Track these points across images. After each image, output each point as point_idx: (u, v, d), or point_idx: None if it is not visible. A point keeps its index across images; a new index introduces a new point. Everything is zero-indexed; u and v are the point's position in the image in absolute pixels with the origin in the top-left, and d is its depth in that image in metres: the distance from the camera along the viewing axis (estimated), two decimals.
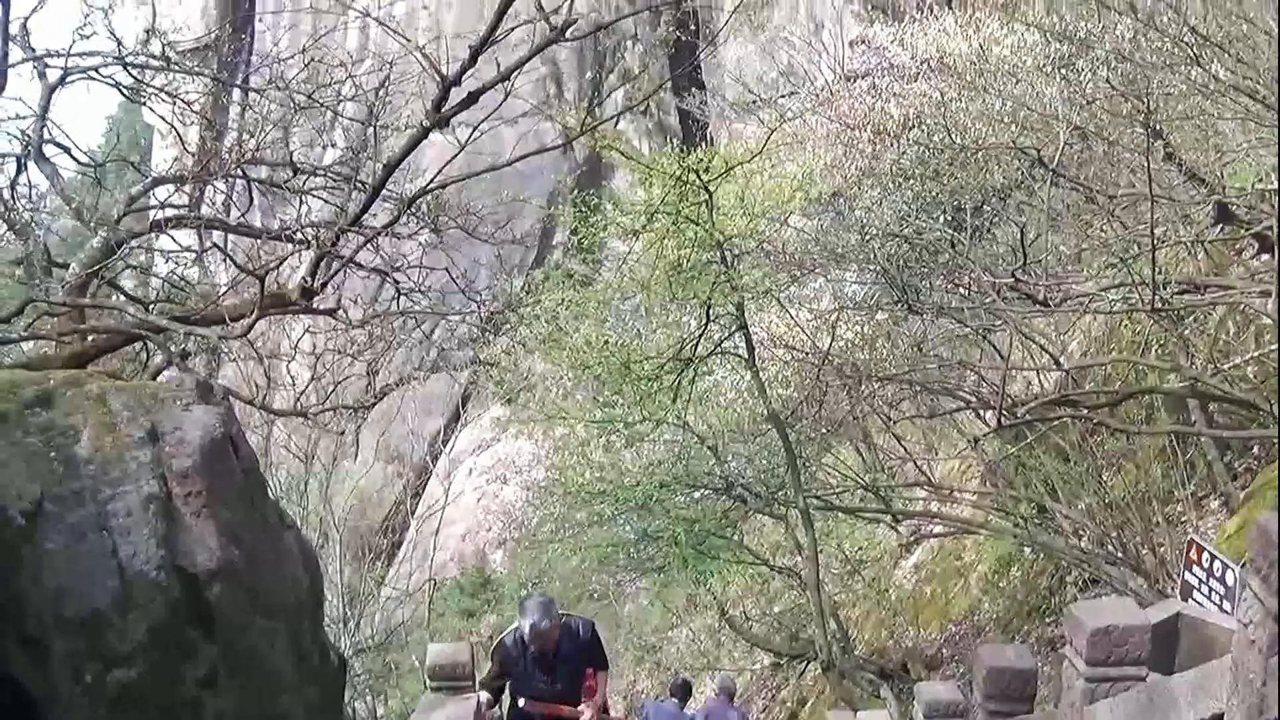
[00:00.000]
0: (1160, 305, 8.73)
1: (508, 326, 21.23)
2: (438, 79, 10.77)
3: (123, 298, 13.04)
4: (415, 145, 11.19)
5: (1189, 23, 10.47)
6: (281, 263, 11.04)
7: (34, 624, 4.25)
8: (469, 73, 10.69)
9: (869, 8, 32.98)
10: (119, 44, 12.95)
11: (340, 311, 11.88)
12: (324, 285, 11.21)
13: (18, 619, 4.21)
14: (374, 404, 15.04)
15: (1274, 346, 10.34)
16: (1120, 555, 11.68)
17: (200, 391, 4.95)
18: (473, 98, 10.65)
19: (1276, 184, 9.80)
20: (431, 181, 11.79)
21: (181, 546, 4.64)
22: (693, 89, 37.61)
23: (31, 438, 4.51)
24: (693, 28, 31.16)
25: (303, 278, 10.86)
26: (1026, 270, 10.10)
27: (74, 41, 12.54)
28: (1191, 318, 11.82)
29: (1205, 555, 8.03)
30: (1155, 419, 12.43)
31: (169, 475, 4.74)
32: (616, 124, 39.60)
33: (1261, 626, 4.32)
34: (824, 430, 16.64)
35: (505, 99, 11.08)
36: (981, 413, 12.75)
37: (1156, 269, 8.51)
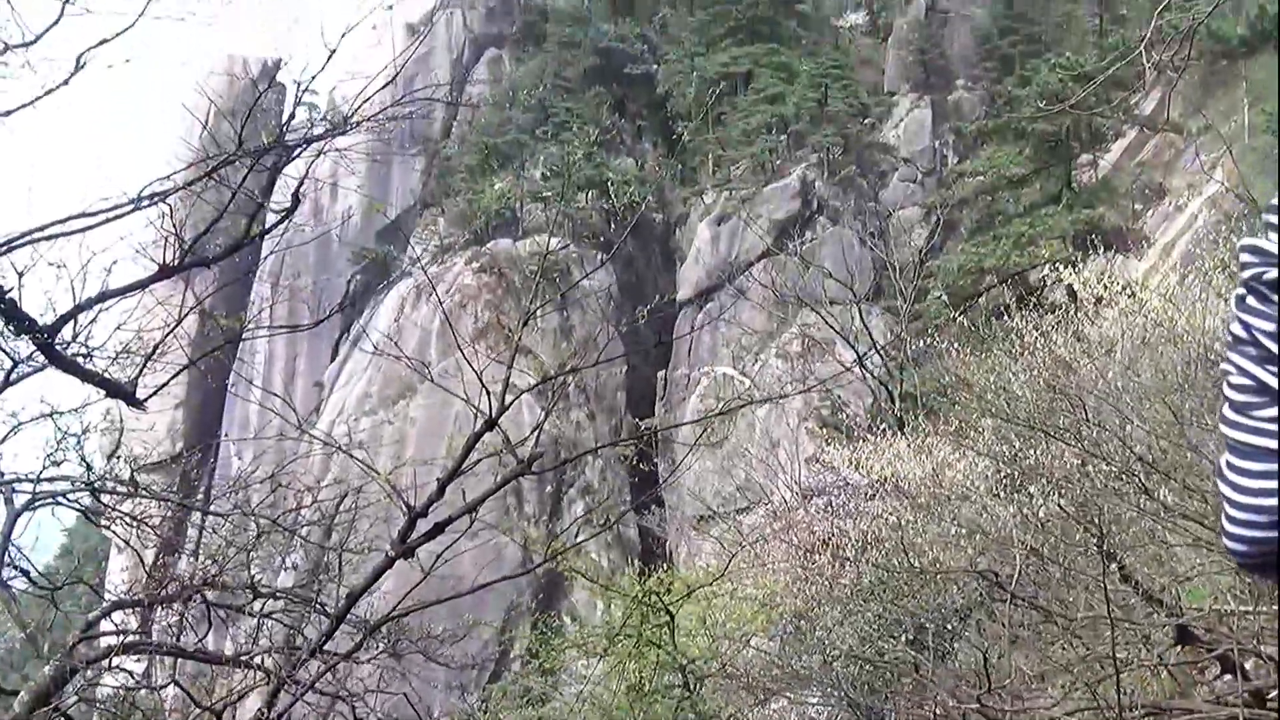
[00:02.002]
0: None
1: None
2: (404, 509, 10.98)
3: None
4: (380, 574, 11.25)
5: (1134, 450, 10.88)
6: (241, 698, 10.82)
7: None
8: (435, 505, 10.91)
9: (822, 426, 34.21)
10: (88, 468, 13.12)
11: None
12: (281, 716, 10.95)
13: None
14: None
15: None
16: None
17: None
18: (439, 528, 10.83)
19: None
20: (394, 609, 11.77)
21: None
22: (652, 505, 38.36)
23: None
24: (656, 459, 32.18)
25: (260, 710, 10.62)
26: (991, 692, 10.04)
27: (44, 468, 12.72)
28: None
29: None
30: None
31: None
32: (577, 543, 39.98)
33: None
34: None
35: (470, 525, 11.26)
36: None
37: (1121, 691, 8.49)
